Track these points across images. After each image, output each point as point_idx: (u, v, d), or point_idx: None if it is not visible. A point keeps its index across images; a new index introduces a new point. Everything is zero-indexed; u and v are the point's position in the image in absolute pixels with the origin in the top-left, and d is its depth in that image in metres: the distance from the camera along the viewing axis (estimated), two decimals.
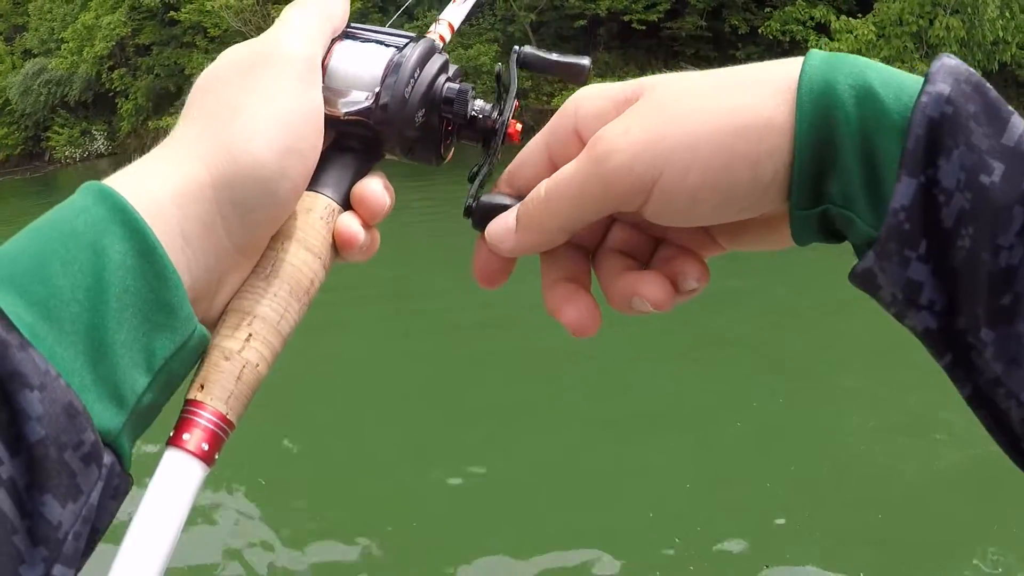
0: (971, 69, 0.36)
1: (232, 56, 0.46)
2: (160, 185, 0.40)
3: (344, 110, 0.48)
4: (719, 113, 0.40)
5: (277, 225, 0.45)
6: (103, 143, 23.02)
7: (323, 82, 0.48)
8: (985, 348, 0.35)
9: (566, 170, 0.43)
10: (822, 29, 14.50)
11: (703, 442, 4.53)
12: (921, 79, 0.37)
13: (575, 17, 17.63)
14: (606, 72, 17.70)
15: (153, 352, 0.37)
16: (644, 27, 16.92)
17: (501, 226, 0.47)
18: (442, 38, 0.57)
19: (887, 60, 12.38)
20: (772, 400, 4.99)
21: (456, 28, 0.60)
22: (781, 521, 3.77)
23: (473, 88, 0.52)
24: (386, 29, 0.53)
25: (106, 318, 0.36)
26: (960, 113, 0.35)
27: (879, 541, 3.56)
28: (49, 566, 0.33)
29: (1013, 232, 0.34)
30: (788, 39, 15.44)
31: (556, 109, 0.50)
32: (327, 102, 0.47)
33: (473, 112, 0.51)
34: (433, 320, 6.83)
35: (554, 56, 0.53)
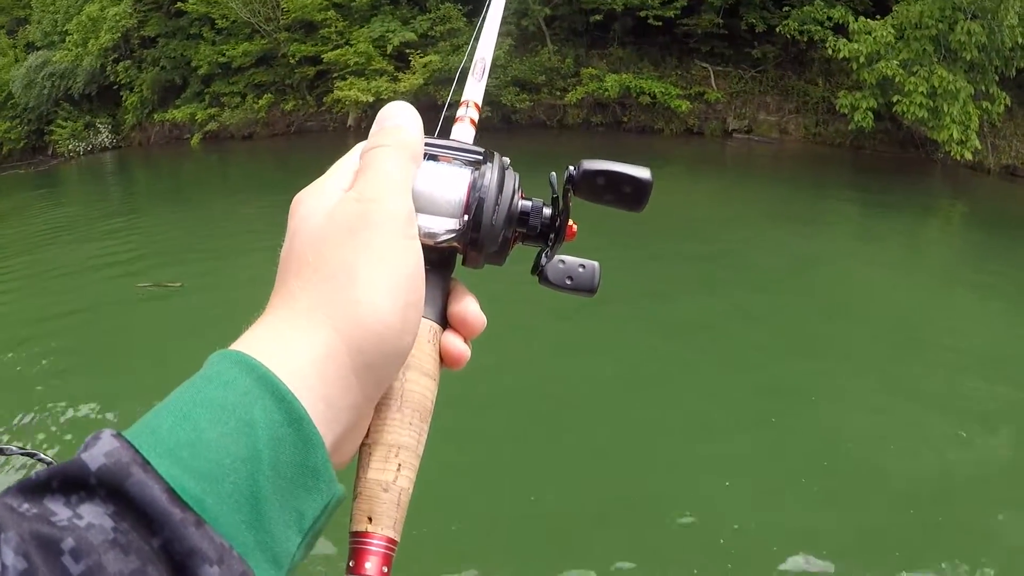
0: None
1: (333, 213, 0.49)
2: (298, 354, 0.44)
3: (436, 240, 0.53)
4: None
5: (399, 370, 0.50)
6: (107, 136, 23.38)
7: None
8: None
9: None
10: (840, 30, 14.90)
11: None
12: None
13: (590, 12, 18.02)
14: (620, 67, 18.12)
15: (303, 514, 0.41)
16: (660, 23, 17.32)
17: None
18: (473, 122, 0.64)
19: (906, 62, 12.71)
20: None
21: (480, 104, 0.66)
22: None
23: (544, 203, 0.58)
24: (456, 142, 0.58)
25: (262, 487, 0.39)
26: None
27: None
28: None
29: None
30: (806, 39, 15.86)
31: (569, 103, 0.69)
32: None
33: (542, 222, 0.58)
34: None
35: (606, 174, 0.56)
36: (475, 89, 0.67)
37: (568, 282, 0.60)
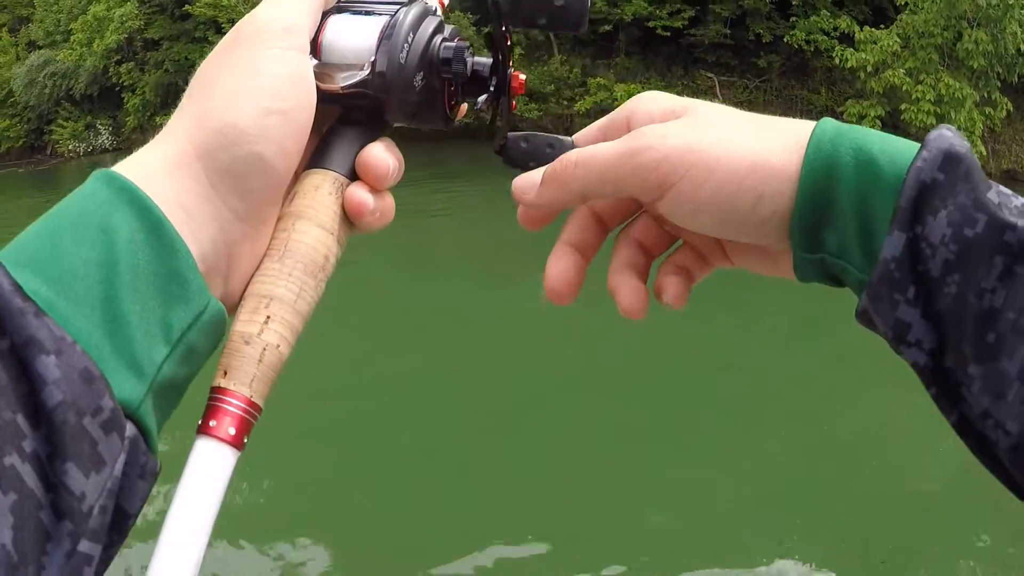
0: (963, 139, 0.44)
1: (224, 38, 0.50)
2: (152, 161, 0.45)
3: (342, 84, 0.51)
4: (741, 148, 0.48)
5: (276, 191, 0.48)
6: (108, 138, 23.71)
7: (320, 58, 0.51)
8: (972, 383, 0.42)
9: (602, 147, 0.51)
10: (846, 39, 15.61)
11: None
12: (917, 145, 0.45)
13: (600, 22, 18.63)
14: (627, 77, 18.73)
15: (170, 324, 0.40)
16: (668, 33, 17.97)
17: (527, 180, 0.54)
18: (441, 3, 0.60)
19: (912, 71, 13.42)
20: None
21: None
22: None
23: (470, 46, 0.55)
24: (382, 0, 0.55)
25: (119, 290, 0.38)
26: (949, 177, 0.43)
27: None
28: (75, 541, 0.34)
29: (995, 277, 0.41)
30: (812, 48, 16.58)
31: (578, 112, 0.93)
32: (326, 78, 0.51)
33: (475, 68, 0.55)
34: (449, 326, 7.29)
35: None
36: None
37: (532, 166, 0.56)
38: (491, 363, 6.46)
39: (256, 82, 0.47)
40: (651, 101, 0.54)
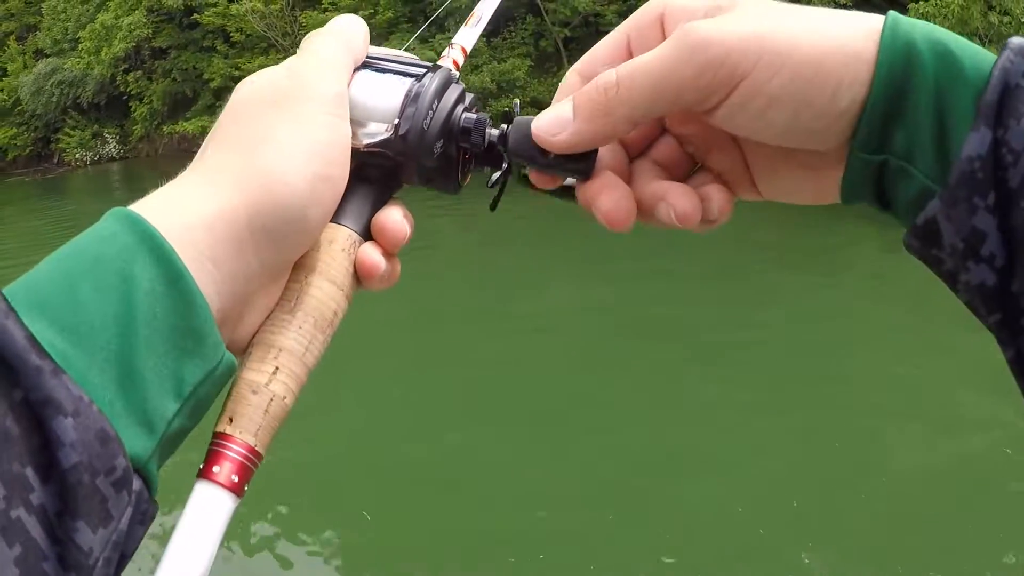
0: None
1: (262, 84, 0.49)
2: (191, 210, 0.42)
3: (364, 141, 0.51)
4: (815, 31, 0.43)
5: (305, 249, 0.48)
6: (114, 147, 23.79)
7: None
8: None
9: (646, 58, 0.44)
10: None
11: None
12: (992, 55, 0.41)
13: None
14: None
15: (182, 379, 0.40)
16: None
17: (552, 119, 0.48)
18: (456, 64, 0.62)
19: None
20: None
21: (468, 51, 0.64)
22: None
23: (491, 118, 0.54)
24: (403, 58, 0.55)
25: (136, 344, 0.38)
26: None
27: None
28: None
29: None
30: None
31: None
32: None
33: (491, 141, 0.53)
34: (452, 337, 7.19)
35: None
36: (466, 35, 0.66)
37: (543, 158, 0.50)
38: (490, 366, 6.42)
39: (313, 148, 0.46)
40: None
